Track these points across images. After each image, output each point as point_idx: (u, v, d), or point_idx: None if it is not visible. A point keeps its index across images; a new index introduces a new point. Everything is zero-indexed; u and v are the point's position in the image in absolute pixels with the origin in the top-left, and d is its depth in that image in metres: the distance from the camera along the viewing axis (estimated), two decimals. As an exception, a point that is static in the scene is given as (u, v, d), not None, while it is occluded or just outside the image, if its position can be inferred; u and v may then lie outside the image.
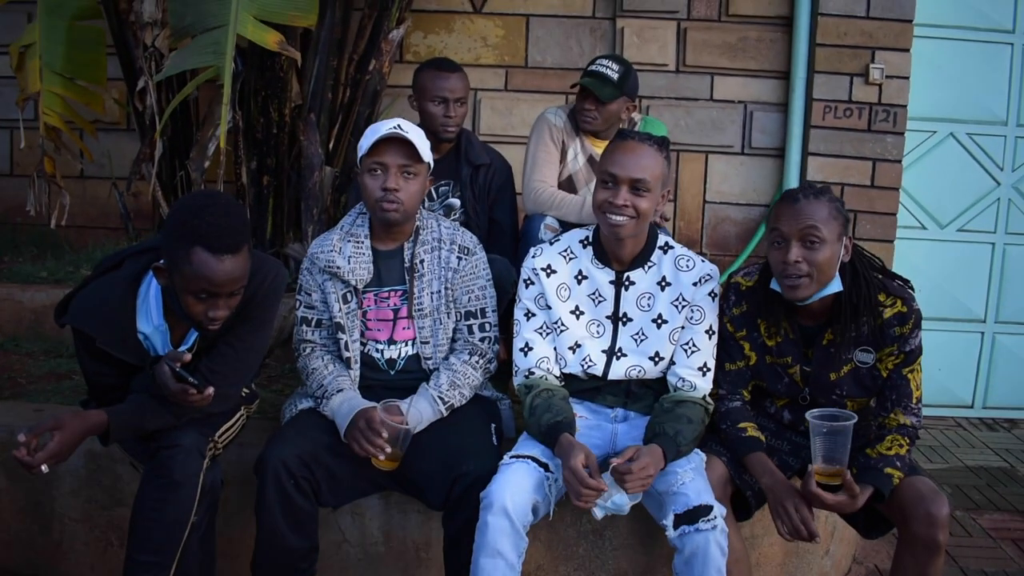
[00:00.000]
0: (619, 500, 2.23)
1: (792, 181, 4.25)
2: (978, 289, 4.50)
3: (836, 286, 2.27)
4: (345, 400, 2.40)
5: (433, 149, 3.07)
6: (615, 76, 3.15)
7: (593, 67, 3.17)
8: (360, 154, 2.46)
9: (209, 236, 2.01)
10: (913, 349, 2.32)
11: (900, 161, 4.22)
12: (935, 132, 4.40)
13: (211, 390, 2.12)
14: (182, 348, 2.24)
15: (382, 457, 2.30)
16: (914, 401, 2.33)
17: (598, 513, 2.23)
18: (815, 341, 2.36)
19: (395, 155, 2.41)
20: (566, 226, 3.04)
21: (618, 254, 2.43)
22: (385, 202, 2.42)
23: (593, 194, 2.41)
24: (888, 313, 2.29)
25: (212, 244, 2.02)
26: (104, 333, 2.15)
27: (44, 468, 2.01)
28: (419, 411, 2.41)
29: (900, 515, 2.25)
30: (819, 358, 2.36)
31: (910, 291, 2.34)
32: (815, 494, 2.17)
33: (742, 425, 2.38)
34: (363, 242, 2.52)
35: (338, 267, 2.48)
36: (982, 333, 4.53)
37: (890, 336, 2.30)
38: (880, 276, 2.34)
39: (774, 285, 2.33)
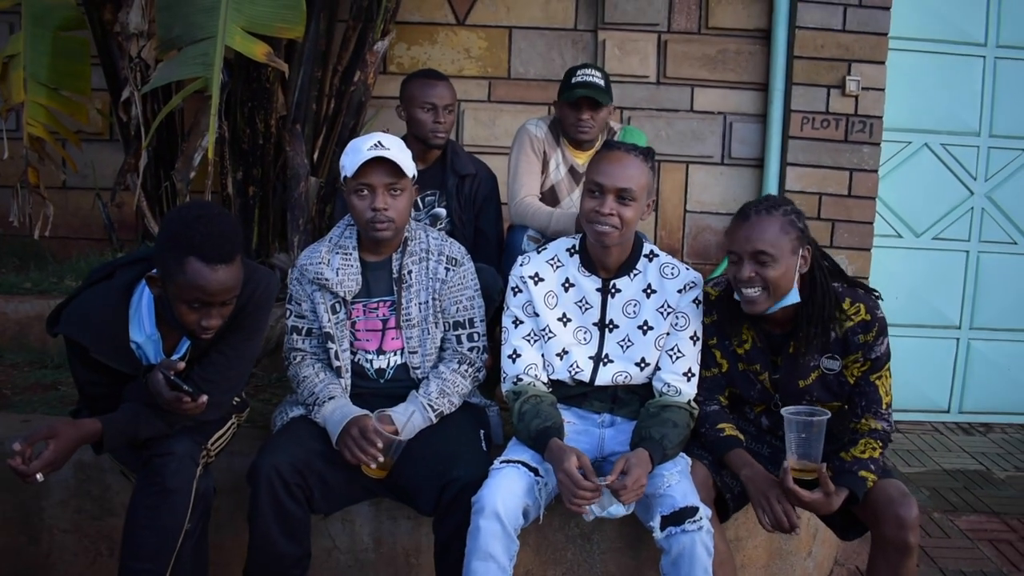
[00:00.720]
0: (615, 510, 2.26)
1: (771, 190, 4.31)
2: (953, 296, 4.58)
3: (793, 297, 2.32)
4: (337, 408, 2.42)
5: (421, 158, 3.12)
6: (602, 83, 3.20)
7: (579, 78, 3.19)
8: (344, 174, 2.48)
9: (202, 246, 2.03)
10: (879, 356, 2.36)
11: (876, 171, 4.30)
12: (910, 143, 4.49)
13: (205, 398, 2.13)
14: (174, 357, 2.25)
15: (374, 466, 2.33)
16: (884, 407, 2.38)
17: (588, 516, 2.26)
18: (782, 349, 2.41)
19: (380, 175, 2.43)
20: (548, 238, 3.08)
21: (604, 262, 2.47)
22: (376, 222, 2.44)
23: (580, 203, 2.44)
24: (852, 321, 2.34)
25: (205, 254, 2.03)
26: (97, 342, 2.16)
27: (39, 477, 2.01)
28: (412, 422, 2.43)
29: (872, 518, 2.30)
30: (787, 366, 2.41)
31: (875, 299, 2.39)
32: (791, 490, 2.20)
33: (720, 426, 2.43)
34: (351, 254, 2.54)
35: (327, 279, 2.50)
36: (957, 339, 4.61)
37: (854, 344, 2.34)
38: (843, 285, 2.38)
39: (737, 296, 2.38)
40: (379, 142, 2.43)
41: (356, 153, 2.43)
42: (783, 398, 2.43)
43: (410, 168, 2.48)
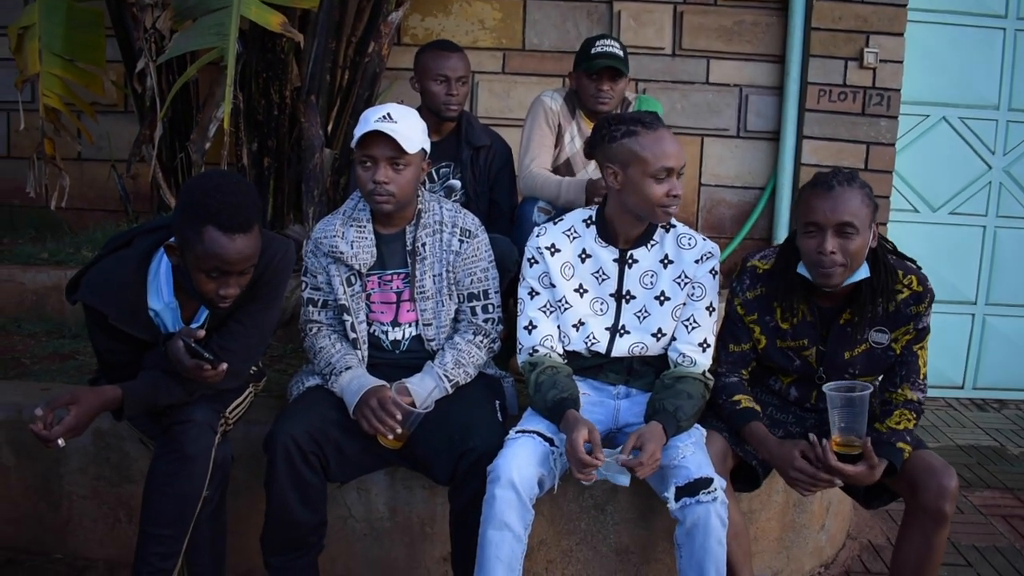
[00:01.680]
0: (619, 479, 2.26)
1: (787, 164, 4.29)
2: (969, 271, 4.56)
3: (864, 272, 2.29)
4: (354, 378, 2.43)
5: (435, 129, 3.11)
6: (621, 53, 3.18)
7: (599, 49, 3.15)
8: (353, 143, 2.47)
9: (221, 215, 2.04)
10: (925, 327, 2.35)
11: (893, 144, 4.26)
12: (928, 116, 4.45)
13: (224, 366, 2.15)
14: (193, 326, 2.26)
15: (391, 437, 2.34)
16: (921, 377, 2.38)
17: (587, 481, 2.24)
18: (832, 323, 2.38)
19: (383, 148, 2.41)
20: (559, 209, 3.07)
21: (626, 233, 2.47)
22: (376, 195, 2.44)
23: (646, 190, 2.37)
24: (904, 293, 2.32)
25: (224, 223, 2.04)
26: (116, 309, 2.17)
27: (61, 442, 2.03)
28: (428, 392, 2.44)
29: (909, 487, 2.30)
30: (835, 338, 2.38)
31: (922, 271, 2.38)
32: (836, 468, 2.20)
33: (736, 398, 2.42)
34: (365, 226, 2.54)
35: (341, 252, 2.50)
36: (973, 315, 4.60)
37: (906, 315, 2.33)
38: (895, 257, 2.38)
39: (800, 269, 2.34)
40: (388, 114, 2.42)
41: (364, 123, 2.43)
42: (827, 371, 2.42)
43: (416, 143, 2.44)
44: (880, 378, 2.45)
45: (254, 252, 2.12)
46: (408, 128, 2.43)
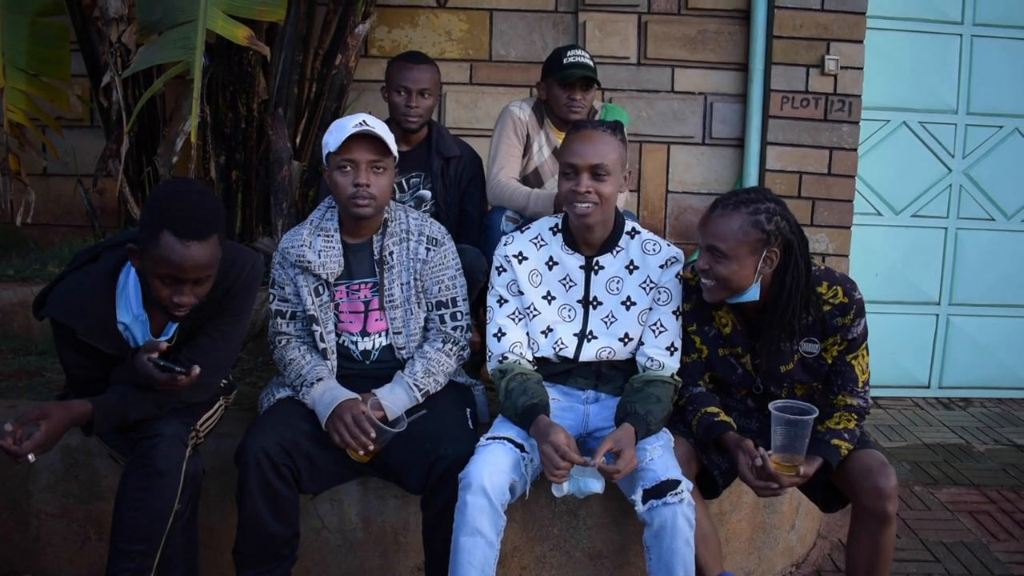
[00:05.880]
0: (593, 485, 2.29)
1: (752, 170, 4.35)
2: (932, 273, 4.64)
3: (752, 295, 2.33)
4: (326, 390, 2.43)
5: (405, 140, 3.13)
6: (591, 62, 3.21)
7: (572, 59, 3.18)
8: (327, 151, 2.47)
9: (177, 221, 2.03)
10: (856, 337, 2.37)
11: (855, 149, 4.34)
12: (889, 121, 4.53)
13: (197, 370, 2.14)
14: (162, 338, 2.25)
15: (362, 452, 2.35)
16: (860, 385, 2.40)
17: (558, 492, 2.27)
18: (760, 334, 2.41)
19: (364, 151, 2.43)
20: (526, 218, 3.09)
21: (588, 240, 2.50)
22: (358, 198, 2.44)
23: (557, 186, 2.46)
24: (830, 304, 2.35)
25: (179, 229, 2.03)
26: (84, 324, 2.16)
27: (31, 457, 2.02)
28: (402, 409, 2.45)
29: (851, 488, 2.34)
30: (765, 350, 2.41)
31: (852, 281, 2.40)
32: (773, 475, 2.23)
33: (711, 409, 2.44)
34: (333, 236, 2.55)
35: (309, 261, 2.50)
36: (937, 315, 4.67)
37: (832, 326, 2.36)
38: (819, 268, 2.37)
39: None
40: (364, 120, 2.44)
41: (341, 130, 2.43)
42: (765, 381, 2.45)
43: (394, 147, 2.48)
44: (820, 385, 2.47)
45: (209, 261, 2.10)
46: (386, 131, 2.47)
